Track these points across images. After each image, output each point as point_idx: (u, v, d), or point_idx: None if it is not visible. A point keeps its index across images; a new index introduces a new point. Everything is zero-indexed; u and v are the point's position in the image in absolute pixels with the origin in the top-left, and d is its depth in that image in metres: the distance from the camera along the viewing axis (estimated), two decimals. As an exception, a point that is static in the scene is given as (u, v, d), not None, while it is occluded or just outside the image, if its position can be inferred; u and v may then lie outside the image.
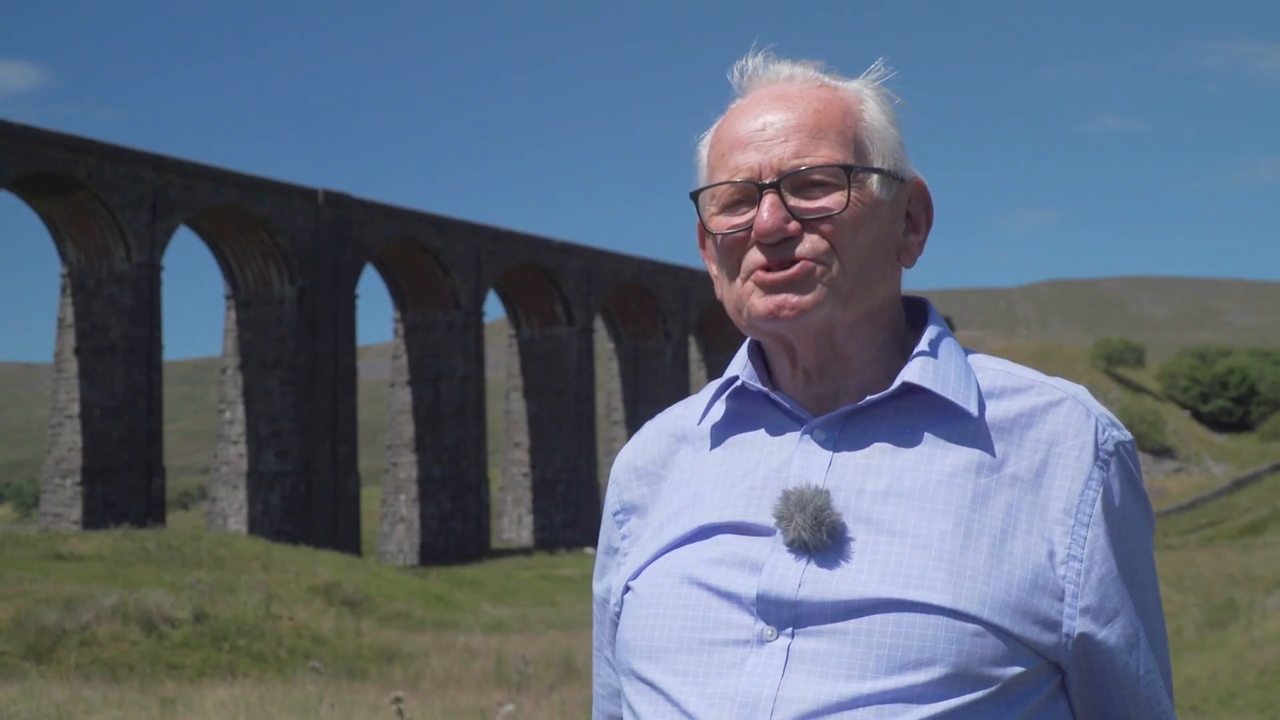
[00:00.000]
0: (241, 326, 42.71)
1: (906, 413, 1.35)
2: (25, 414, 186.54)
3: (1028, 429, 1.34)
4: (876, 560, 1.27)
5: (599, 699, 1.57)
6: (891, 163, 1.39)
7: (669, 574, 1.36)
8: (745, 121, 1.38)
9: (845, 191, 1.34)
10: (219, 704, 9.48)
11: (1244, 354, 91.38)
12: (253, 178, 41.08)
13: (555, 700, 9.64)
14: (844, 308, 1.34)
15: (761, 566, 1.30)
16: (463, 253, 47.15)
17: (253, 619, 15.92)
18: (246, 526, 40.67)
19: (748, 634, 1.28)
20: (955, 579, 1.25)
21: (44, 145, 35.41)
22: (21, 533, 26.09)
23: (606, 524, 1.53)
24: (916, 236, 1.43)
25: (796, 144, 1.35)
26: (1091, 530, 1.30)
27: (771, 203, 1.33)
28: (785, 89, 1.39)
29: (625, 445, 1.56)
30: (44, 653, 13.86)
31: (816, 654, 1.25)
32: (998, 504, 1.30)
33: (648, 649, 1.34)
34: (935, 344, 1.38)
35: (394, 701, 5.61)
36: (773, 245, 1.34)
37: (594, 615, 1.55)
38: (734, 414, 1.44)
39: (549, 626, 20.99)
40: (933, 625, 1.23)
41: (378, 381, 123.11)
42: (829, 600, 1.26)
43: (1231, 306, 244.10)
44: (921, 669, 1.23)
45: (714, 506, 1.37)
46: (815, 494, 1.30)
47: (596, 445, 52.55)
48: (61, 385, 38.24)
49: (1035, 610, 1.26)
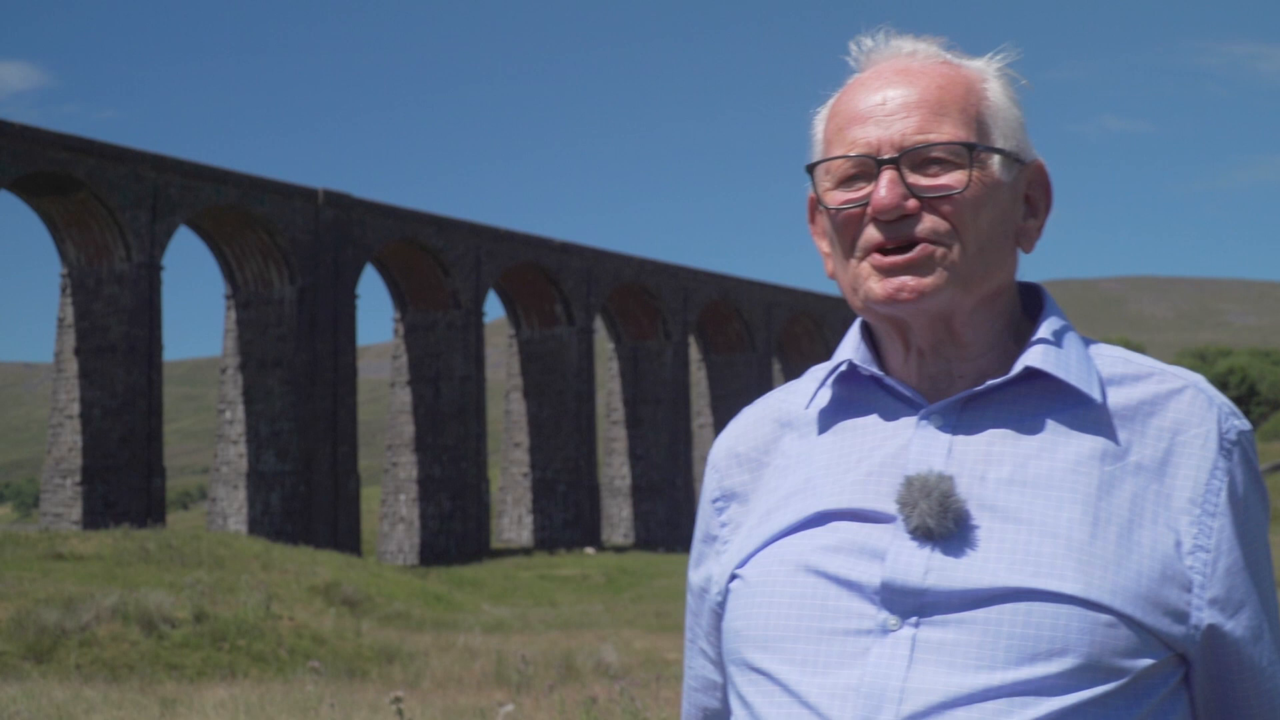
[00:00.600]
0: (241, 326, 42.71)
1: (1026, 399, 1.32)
2: (25, 414, 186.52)
3: (1150, 417, 1.31)
4: (1004, 548, 1.24)
5: (690, 690, 1.54)
6: (1013, 144, 1.35)
7: (783, 561, 1.32)
8: (865, 95, 1.35)
9: (967, 170, 1.30)
10: (219, 704, 9.48)
11: (1244, 354, 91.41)
12: (253, 178, 41.07)
13: (555, 700, 9.63)
14: (964, 291, 1.31)
15: (883, 554, 1.27)
16: (463, 253, 47.14)
17: (253, 619, 15.91)
18: (246, 526, 40.66)
19: (870, 623, 1.25)
20: (1086, 568, 1.22)
21: (44, 145, 35.40)
22: (21, 533, 26.08)
23: (705, 511, 1.49)
24: (1035, 221, 1.39)
25: (918, 120, 1.31)
26: (1218, 521, 1.27)
27: (890, 179, 1.30)
28: (907, 64, 1.36)
29: (724, 431, 1.52)
30: (44, 653, 13.86)
31: (943, 644, 1.22)
32: (1123, 493, 1.27)
33: (762, 638, 1.30)
34: (1055, 330, 1.35)
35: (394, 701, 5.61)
36: (890, 223, 1.30)
37: (689, 605, 1.51)
38: (842, 399, 1.40)
39: (549, 626, 20.99)
40: (1064, 615, 1.21)
41: (378, 381, 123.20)
42: (956, 589, 1.23)
43: (1231, 306, 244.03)
44: (1053, 659, 1.20)
45: (827, 493, 1.34)
46: (940, 480, 1.27)
47: (596, 445, 52.53)
48: (61, 385, 38.23)
49: (1165, 601, 1.24)
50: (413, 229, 45.73)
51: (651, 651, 17.11)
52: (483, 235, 47.97)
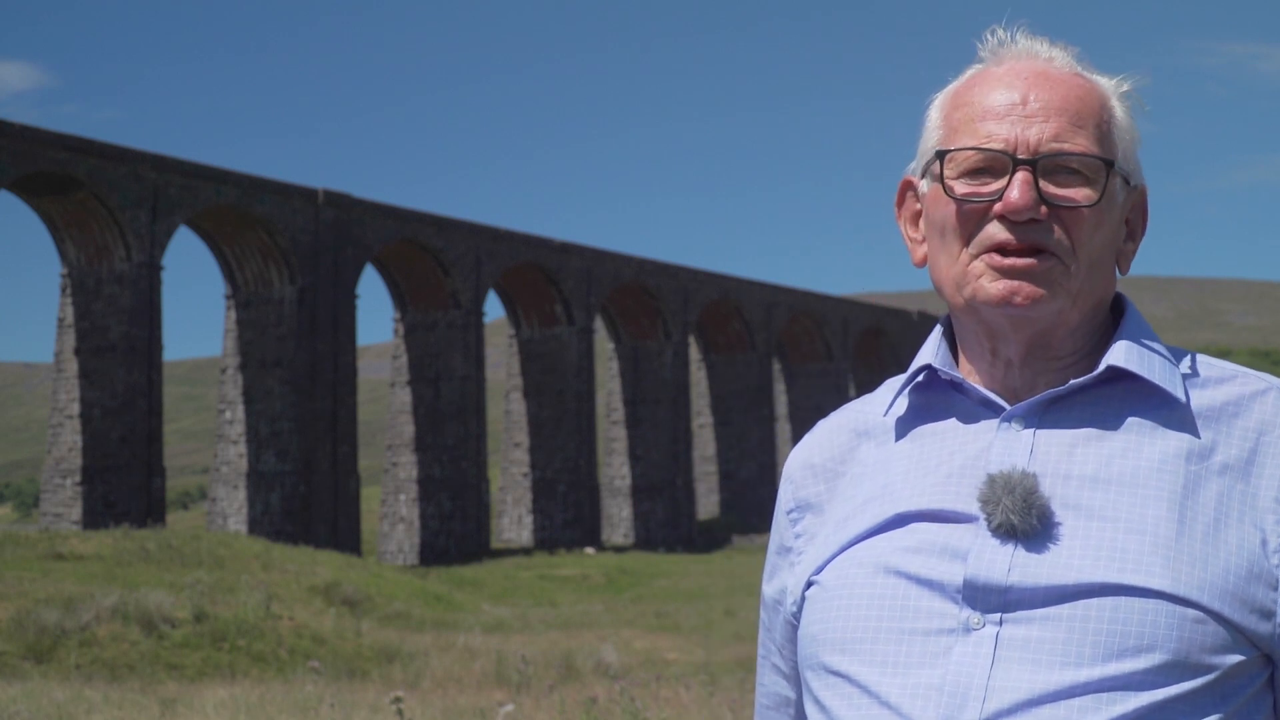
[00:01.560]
0: (241, 326, 42.71)
1: (1109, 399, 1.32)
2: (25, 414, 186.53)
3: (1235, 417, 1.30)
4: (1089, 544, 1.23)
5: (763, 709, 1.52)
6: (1131, 166, 1.36)
7: (861, 564, 1.31)
8: (1003, 91, 1.34)
9: (1100, 186, 1.30)
10: (219, 704, 9.48)
11: (1244, 354, 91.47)
12: (253, 178, 41.07)
13: (555, 700, 9.63)
14: (1072, 306, 1.31)
15: (965, 553, 1.26)
16: (463, 253, 47.14)
17: (253, 619, 15.91)
18: (246, 526, 40.65)
19: (952, 622, 1.24)
20: (1173, 564, 1.21)
21: (44, 145, 35.40)
22: (21, 533, 26.08)
23: (779, 522, 1.47)
24: (1133, 244, 1.39)
25: (1057, 126, 1.31)
26: None
27: (1026, 180, 1.28)
28: (1046, 68, 1.35)
29: (800, 442, 1.51)
30: (44, 653, 13.86)
31: (1028, 641, 1.21)
32: (1209, 492, 1.26)
33: (840, 641, 1.29)
34: (1137, 332, 1.35)
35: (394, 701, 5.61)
36: (1019, 225, 1.29)
37: (761, 620, 1.50)
38: (919, 407, 1.40)
39: (549, 626, 20.99)
40: (1152, 610, 1.19)
41: (378, 381, 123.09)
42: (1041, 585, 1.22)
43: (1231, 306, 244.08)
44: (1141, 655, 1.19)
45: (906, 496, 1.33)
46: (1023, 477, 1.26)
47: (596, 445, 52.52)
48: (61, 385, 38.23)
49: (1252, 599, 1.23)
50: (413, 229, 45.73)
51: (651, 651, 17.11)
52: (483, 235, 47.97)
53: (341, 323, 43.49)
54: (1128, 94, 1.39)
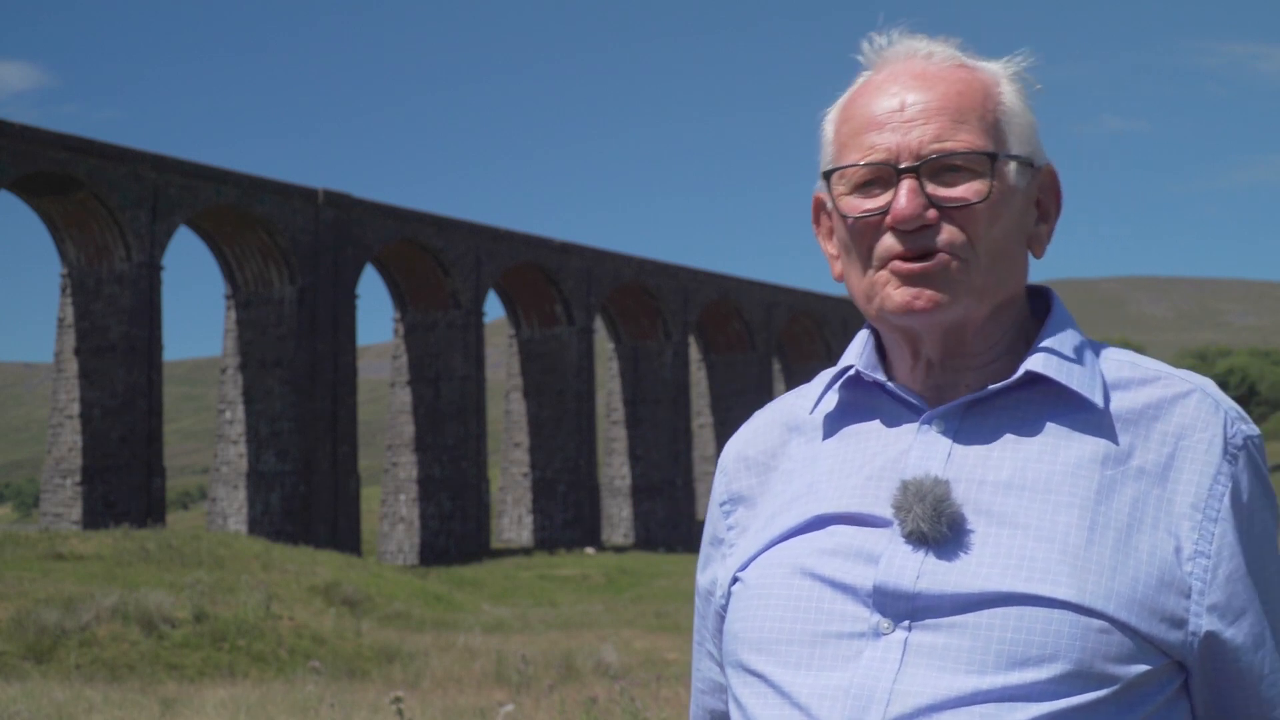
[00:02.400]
0: (241, 326, 42.70)
1: (1029, 403, 1.31)
2: (25, 414, 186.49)
3: (1155, 421, 1.29)
4: (998, 553, 1.23)
5: (698, 694, 1.54)
6: (1028, 149, 1.34)
7: (781, 565, 1.32)
8: (882, 100, 1.33)
9: (987, 180, 1.29)
10: (219, 704, 9.48)
11: (1244, 354, 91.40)
12: (253, 178, 41.07)
13: (555, 700, 9.63)
14: (978, 302, 1.30)
15: (878, 558, 1.26)
16: (463, 253, 47.14)
17: (253, 619, 15.91)
18: (246, 526, 40.65)
19: (863, 626, 1.25)
20: (1080, 573, 1.21)
21: (44, 145, 35.40)
22: (21, 533, 26.08)
23: (713, 514, 1.49)
24: (1046, 225, 1.38)
25: (937, 127, 1.29)
26: (1220, 526, 1.26)
27: (910, 188, 1.28)
28: (923, 67, 1.34)
29: (735, 435, 1.52)
30: (44, 653, 13.86)
31: (934, 648, 1.21)
32: (1124, 497, 1.26)
33: (757, 640, 1.30)
34: (1059, 334, 1.34)
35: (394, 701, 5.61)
36: (909, 233, 1.29)
37: (696, 608, 1.52)
38: (848, 404, 1.40)
39: (549, 626, 20.99)
40: (1056, 620, 1.19)
41: (378, 381, 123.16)
42: (948, 593, 1.22)
43: (1231, 306, 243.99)
44: (1043, 665, 1.19)
45: (828, 497, 1.33)
46: (935, 484, 1.26)
47: (596, 445, 52.52)
48: (61, 385, 38.23)
49: (1162, 607, 1.22)
50: (413, 229, 45.73)
51: (651, 651, 17.11)
52: (483, 235, 47.96)
53: (341, 323, 43.49)
54: (1017, 76, 1.37)
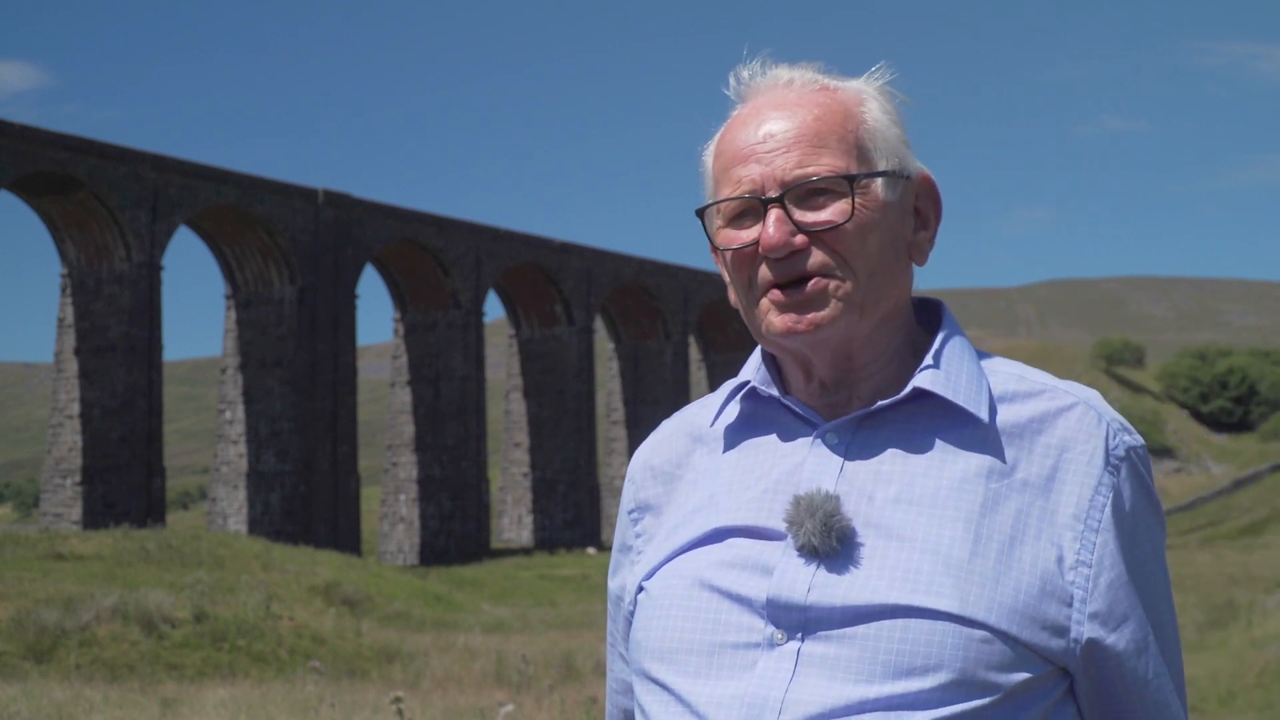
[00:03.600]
0: (241, 326, 42.71)
1: (917, 418, 1.35)
2: (25, 414, 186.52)
3: (1039, 434, 1.33)
4: (885, 566, 1.26)
5: (612, 693, 1.58)
6: (895, 162, 1.37)
7: (681, 576, 1.36)
8: (745, 132, 1.37)
9: (849, 201, 1.32)
10: (219, 704, 9.48)
11: (1244, 354, 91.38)
12: (253, 178, 41.08)
13: (555, 700, 9.64)
14: (860, 317, 1.33)
15: (772, 570, 1.30)
16: (463, 253, 47.15)
17: (253, 619, 15.91)
18: (246, 526, 40.66)
19: (758, 637, 1.28)
20: (963, 585, 1.25)
21: (44, 145, 35.40)
22: (21, 533, 26.08)
23: (622, 522, 1.53)
24: (926, 232, 1.41)
25: (798, 154, 1.33)
26: (1101, 536, 1.29)
27: (777, 217, 1.32)
28: (784, 96, 1.38)
29: (643, 443, 1.55)
30: (44, 653, 13.86)
31: (825, 658, 1.25)
32: (1008, 510, 1.29)
33: (659, 650, 1.34)
34: (947, 348, 1.37)
35: (394, 701, 5.61)
36: (781, 260, 1.33)
37: (609, 611, 1.56)
38: (748, 416, 1.43)
39: (549, 626, 20.98)
40: (939, 631, 1.23)
41: (378, 381, 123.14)
42: (838, 605, 1.26)
43: (1231, 306, 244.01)
44: (927, 675, 1.22)
45: (727, 509, 1.37)
46: (825, 499, 1.29)
47: (596, 445, 52.53)
48: (61, 385, 38.24)
49: (1044, 616, 1.26)
50: (413, 229, 45.74)
51: (651, 651, 17.05)
52: (483, 235, 47.97)
53: (341, 323, 43.49)
54: (882, 91, 1.40)
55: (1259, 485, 63.14)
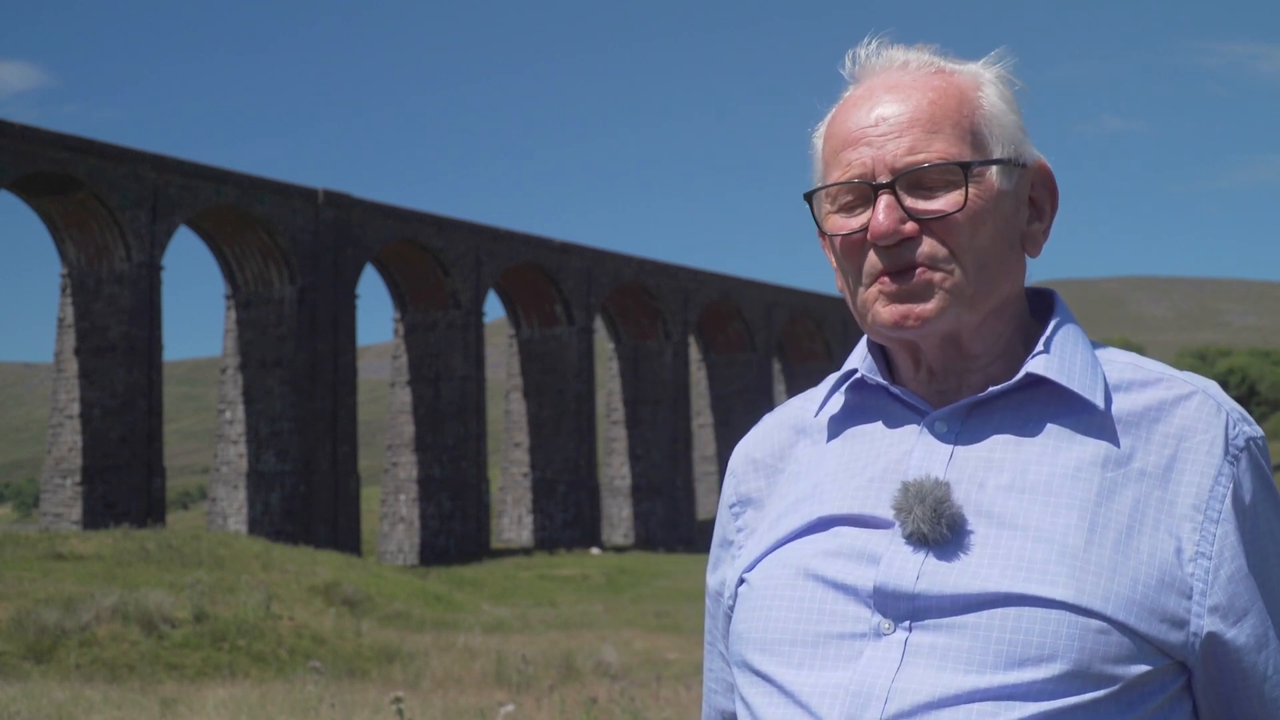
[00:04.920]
0: (241, 326, 42.70)
1: (1030, 405, 1.32)
2: (25, 414, 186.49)
3: (1156, 423, 1.30)
4: (998, 554, 1.24)
5: (710, 693, 1.55)
6: (1012, 150, 1.33)
7: (785, 566, 1.33)
8: (857, 115, 1.34)
9: (963, 190, 1.29)
10: (219, 704, 9.48)
11: (1244, 354, 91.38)
12: (253, 178, 41.07)
13: (555, 700, 9.64)
14: (969, 310, 1.30)
15: (879, 559, 1.27)
16: (463, 253, 47.14)
17: (253, 619, 15.91)
18: (246, 526, 40.65)
19: (864, 627, 1.26)
20: (1079, 574, 1.22)
21: (44, 145, 35.40)
22: (21, 533, 26.07)
23: (722, 516, 1.50)
24: (1041, 224, 1.38)
25: (911, 139, 1.30)
26: (1221, 527, 1.26)
27: (887, 204, 1.29)
28: (898, 79, 1.34)
29: (745, 437, 1.54)
30: (44, 653, 13.86)
31: (934, 647, 1.22)
32: (1124, 499, 1.26)
33: (762, 641, 1.32)
34: (1061, 335, 1.35)
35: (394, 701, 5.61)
36: (889, 248, 1.30)
37: (707, 608, 1.53)
38: (853, 406, 1.41)
39: (549, 626, 20.98)
40: (1054, 620, 1.20)
41: (378, 381, 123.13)
42: (947, 594, 1.23)
43: (1231, 306, 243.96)
44: (1041, 665, 1.20)
45: (832, 498, 1.35)
46: (935, 486, 1.27)
47: (596, 445, 52.51)
48: (61, 385, 38.23)
49: (1162, 608, 1.23)
50: (413, 229, 45.73)
51: (651, 651, 17.12)
52: (483, 235, 47.96)
53: (341, 323, 43.49)
54: (999, 76, 1.37)
55: (1259, 485, 63.14)
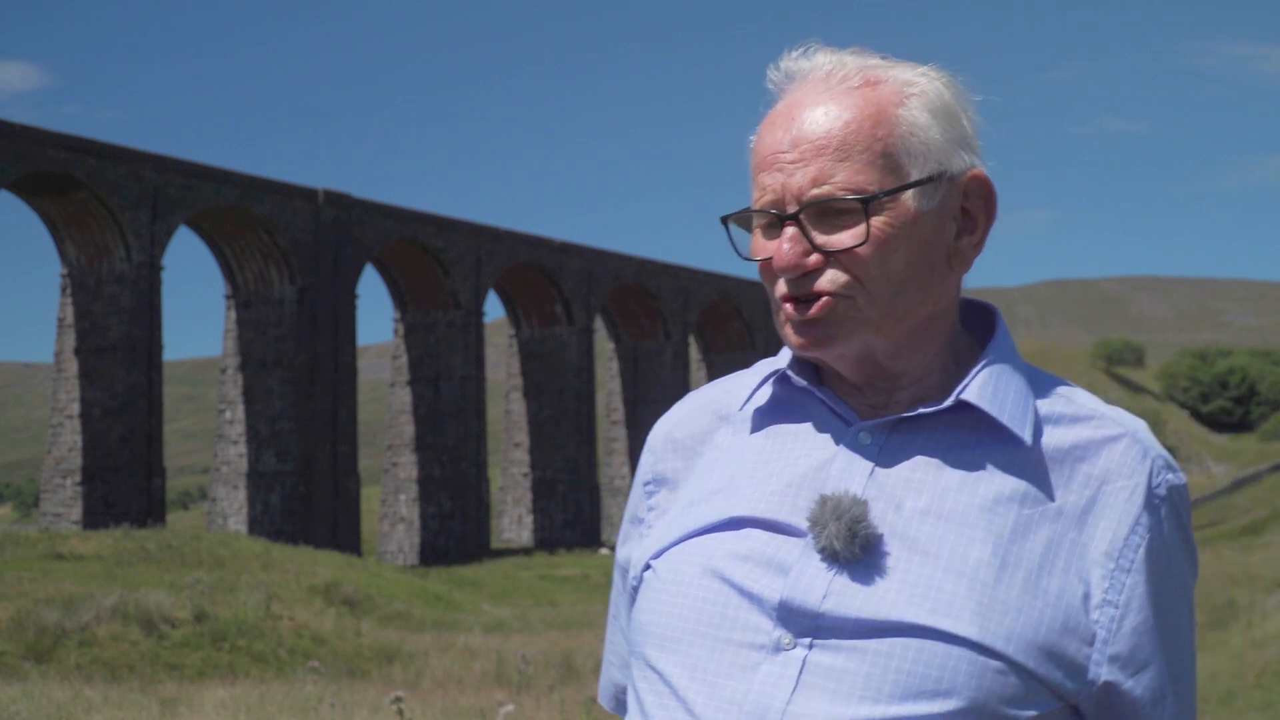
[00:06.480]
0: (241, 326, 42.71)
1: (958, 430, 1.29)
2: (25, 414, 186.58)
3: (1080, 462, 1.27)
4: (907, 581, 1.21)
5: (609, 665, 1.53)
6: (933, 166, 1.27)
7: (692, 562, 1.30)
8: (773, 136, 1.30)
9: (865, 224, 1.25)
10: (219, 704, 9.47)
11: (1244, 354, 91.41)
12: (253, 178, 41.08)
13: (555, 700, 9.63)
14: (877, 335, 1.27)
15: (789, 570, 1.24)
16: (463, 253, 47.15)
17: (253, 619, 15.91)
18: (246, 526, 40.67)
19: (765, 639, 1.23)
20: (985, 611, 1.20)
21: (44, 145, 35.41)
22: (21, 533, 26.08)
23: (636, 493, 1.47)
24: (972, 237, 1.32)
25: (817, 169, 1.26)
26: (1132, 577, 1.24)
27: (792, 236, 1.26)
28: (818, 93, 1.29)
29: (665, 414, 1.49)
30: (44, 653, 13.85)
31: (832, 670, 1.20)
32: (1038, 538, 1.24)
33: (661, 636, 1.29)
34: (998, 361, 1.31)
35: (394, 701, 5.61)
36: (795, 279, 1.27)
37: (614, 581, 1.51)
38: (780, 400, 1.38)
39: (549, 626, 20.98)
40: (955, 656, 1.18)
41: (378, 381, 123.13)
42: (851, 617, 1.21)
43: (1231, 306, 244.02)
44: (937, 699, 1.18)
45: (747, 497, 1.31)
46: (853, 504, 1.24)
47: (596, 445, 52.53)
48: (61, 385, 38.24)
49: (1063, 653, 1.21)
50: (413, 229, 45.74)
51: (651, 651, 17.04)
52: (483, 235, 47.97)
53: (341, 323, 43.50)
54: (935, 84, 1.31)
55: (1259, 485, 63.12)
